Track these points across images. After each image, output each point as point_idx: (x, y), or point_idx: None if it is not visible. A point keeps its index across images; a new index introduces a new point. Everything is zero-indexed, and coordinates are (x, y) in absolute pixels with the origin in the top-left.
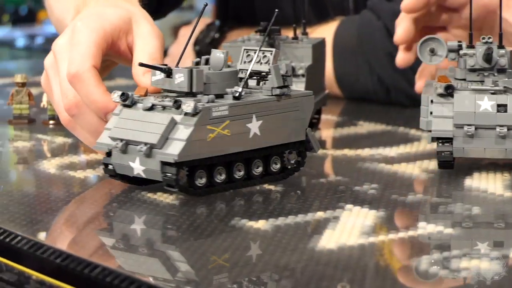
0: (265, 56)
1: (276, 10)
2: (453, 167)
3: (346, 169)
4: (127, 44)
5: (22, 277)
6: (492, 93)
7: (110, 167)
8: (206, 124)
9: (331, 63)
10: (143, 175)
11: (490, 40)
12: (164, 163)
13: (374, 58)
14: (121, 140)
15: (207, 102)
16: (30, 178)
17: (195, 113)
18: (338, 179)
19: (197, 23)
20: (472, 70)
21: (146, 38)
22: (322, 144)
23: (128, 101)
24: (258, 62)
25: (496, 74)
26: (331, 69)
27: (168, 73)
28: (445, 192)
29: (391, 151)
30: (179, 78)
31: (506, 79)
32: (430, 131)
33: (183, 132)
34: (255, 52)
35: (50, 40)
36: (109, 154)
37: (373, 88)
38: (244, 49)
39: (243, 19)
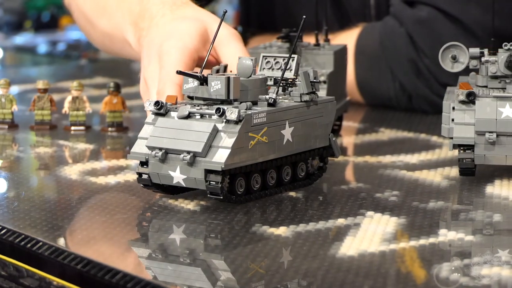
0: (286, 63)
1: (304, 16)
2: (474, 174)
3: (367, 176)
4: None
5: (43, 283)
6: None
7: (145, 176)
8: (248, 131)
9: (353, 69)
10: (183, 184)
11: None
12: (208, 171)
13: (396, 64)
14: (160, 149)
15: (247, 109)
16: (51, 184)
17: (238, 120)
18: (360, 186)
19: (218, 29)
20: (494, 77)
21: (228, 42)
22: (344, 150)
23: (162, 110)
24: (278, 69)
25: None
26: (353, 75)
27: (203, 81)
28: (466, 199)
29: (413, 158)
30: (216, 86)
31: None
32: (451, 138)
33: (227, 140)
34: (274, 59)
35: (71, 46)
36: (143, 163)
37: (395, 95)
38: (263, 56)
39: (265, 25)
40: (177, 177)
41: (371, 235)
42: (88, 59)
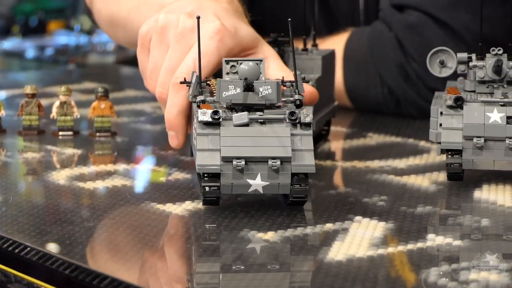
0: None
1: (289, 19)
2: (462, 179)
3: (355, 181)
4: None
5: None
6: (502, 105)
7: (214, 189)
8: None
9: (341, 74)
10: (261, 191)
11: (500, 52)
12: (294, 175)
13: (385, 69)
14: (240, 158)
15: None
16: (39, 189)
17: (309, 122)
18: (348, 191)
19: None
20: (482, 82)
21: (274, 59)
22: (332, 155)
23: (220, 119)
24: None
25: (505, 86)
26: (341, 80)
27: (248, 87)
28: (454, 204)
29: (401, 163)
30: (266, 91)
31: None
32: (439, 143)
33: (306, 143)
34: (237, 63)
35: (59, 51)
36: (209, 176)
37: (383, 100)
38: (225, 60)
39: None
40: (256, 185)
41: (359, 240)
42: (76, 64)
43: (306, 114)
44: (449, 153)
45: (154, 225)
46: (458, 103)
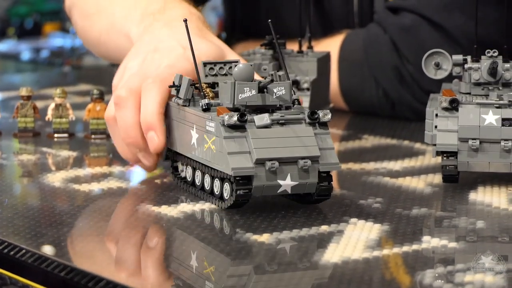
0: (230, 68)
1: (269, 20)
2: (457, 181)
3: (350, 183)
4: None
5: None
6: (497, 107)
7: (246, 191)
8: None
9: (336, 76)
10: (289, 192)
11: (495, 54)
12: (320, 174)
13: (380, 71)
14: (272, 159)
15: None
16: (34, 191)
17: (327, 121)
18: (343, 193)
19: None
20: (477, 84)
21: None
22: None
23: (246, 121)
24: (224, 75)
25: (501, 88)
26: (337, 82)
27: (262, 89)
28: (449, 206)
29: (396, 165)
30: (280, 92)
31: (511, 93)
32: (434, 145)
33: (328, 141)
34: (214, 65)
35: (55, 53)
36: (243, 179)
37: (378, 102)
38: (204, 63)
39: (249, 32)
40: (286, 185)
41: (354, 242)
42: (72, 66)
43: (325, 113)
44: (445, 155)
45: (149, 227)
46: (453, 105)
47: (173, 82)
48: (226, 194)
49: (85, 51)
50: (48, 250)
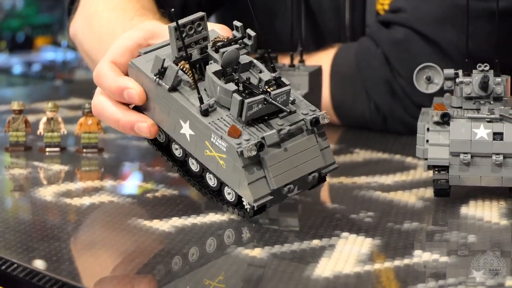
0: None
1: (255, 34)
2: (449, 195)
3: (342, 197)
4: None
5: None
6: (488, 121)
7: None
8: None
9: (328, 90)
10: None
11: (487, 68)
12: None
13: (372, 85)
14: (287, 184)
15: None
16: (26, 205)
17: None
18: (334, 207)
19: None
20: (469, 98)
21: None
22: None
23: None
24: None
25: (492, 102)
26: (328, 96)
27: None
28: (441, 220)
29: (388, 179)
30: (281, 98)
31: (502, 107)
32: (426, 159)
33: (325, 141)
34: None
35: (46, 67)
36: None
37: (370, 116)
38: (174, 27)
39: None
40: (292, 194)
41: (346, 256)
42: (63, 80)
43: (324, 117)
44: (436, 169)
45: (141, 241)
46: (445, 119)
47: (157, 69)
48: (245, 204)
49: (77, 65)
50: (39, 264)
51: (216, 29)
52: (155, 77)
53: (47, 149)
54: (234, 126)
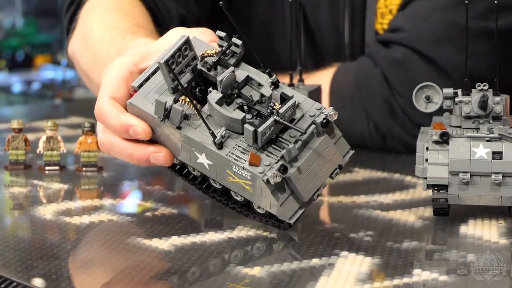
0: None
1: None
2: (448, 214)
3: (341, 216)
4: None
5: None
6: (488, 141)
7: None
8: None
9: None
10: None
11: (486, 87)
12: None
13: (371, 105)
14: (314, 193)
15: None
16: (25, 224)
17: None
18: (334, 226)
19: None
20: (468, 117)
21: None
22: None
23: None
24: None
25: (491, 121)
26: None
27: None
28: (440, 239)
29: (387, 198)
30: (288, 112)
31: (501, 126)
32: (425, 178)
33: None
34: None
35: (46, 85)
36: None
37: (369, 135)
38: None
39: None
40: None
41: (345, 275)
42: (63, 99)
43: (332, 114)
44: (435, 188)
45: (140, 260)
46: (444, 139)
47: (161, 113)
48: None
49: (76, 84)
50: (39, 283)
51: (197, 34)
52: (159, 119)
53: (47, 168)
54: (253, 154)
